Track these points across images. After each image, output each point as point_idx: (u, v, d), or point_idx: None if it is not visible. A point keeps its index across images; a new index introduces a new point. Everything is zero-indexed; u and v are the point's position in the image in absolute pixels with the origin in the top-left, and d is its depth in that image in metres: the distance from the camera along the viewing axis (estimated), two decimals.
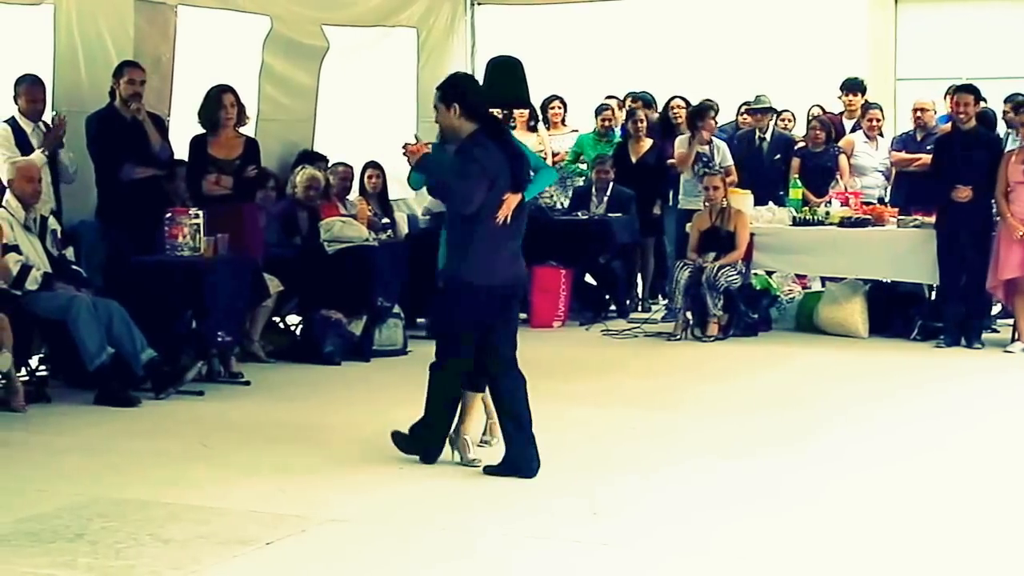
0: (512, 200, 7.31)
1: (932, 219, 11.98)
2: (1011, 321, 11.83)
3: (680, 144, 13.46)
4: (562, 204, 13.98)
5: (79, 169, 10.41)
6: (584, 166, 14.39)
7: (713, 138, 13.52)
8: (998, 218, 11.43)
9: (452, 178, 7.23)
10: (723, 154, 13.36)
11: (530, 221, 13.24)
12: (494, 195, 7.22)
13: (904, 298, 12.58)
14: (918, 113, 13.35)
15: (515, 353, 7.46)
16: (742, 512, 6.68)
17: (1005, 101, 12.95)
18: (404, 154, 7.52)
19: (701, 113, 13.52)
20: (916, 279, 12.37)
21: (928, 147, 12.82)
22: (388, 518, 6.61)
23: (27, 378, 9.55)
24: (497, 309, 7.39)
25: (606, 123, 14.55)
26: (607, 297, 13.84)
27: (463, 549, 6.14)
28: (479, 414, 7.76)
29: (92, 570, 5.78)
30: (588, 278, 13.93)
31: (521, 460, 7.24)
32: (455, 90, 7.36)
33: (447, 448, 7.54)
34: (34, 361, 9.81)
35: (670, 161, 13.65)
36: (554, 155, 14.35)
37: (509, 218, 7.29)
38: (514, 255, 7.46)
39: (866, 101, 14.35)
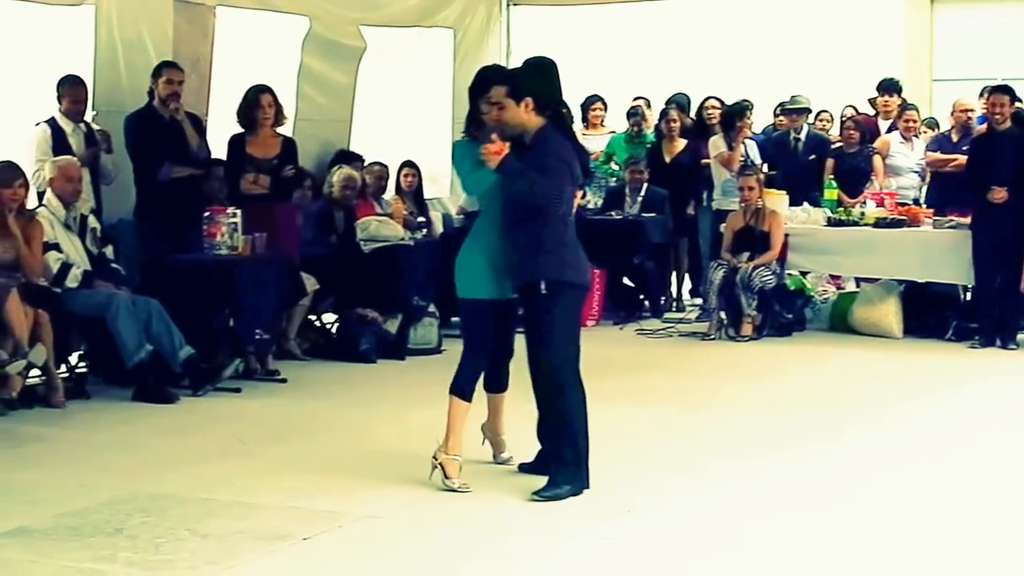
0: (578, 194, 7.26)
1: (967, 220, 11.93)
2: None
3: (715, 145, 13.42)
4: (596, 204, 14.00)
5: (119, 167, 10.49)
6: (616, 167, 14.42)
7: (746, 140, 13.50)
8: None
9: (540, 177, 6.76)
10: (752, 154, 13.37)
11: None
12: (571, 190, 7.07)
13: (939, 299, 12.53)
14: (961, 114, 13.26)
15: None
16: (776, 512, 6.68)
17: None
18: (483, 156, 6.77)
19: (740, 113, 13.51)
20: (951, 280, 12.33)
21: (964, 148, 12.77)
22: (422, 515, 6.63)
23: (66, 375, 9.61)
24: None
25: (636, 127, 14.59)
26: (641, 297, 13.84)
27: (495, 547, 6.17)
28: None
29: (132, 564, 5.82)
30: (623, 278, 13.93)
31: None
32: (527, 83, 6.92)
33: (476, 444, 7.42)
34: (73, 358, 9.85)
35: (705, 161, 13.65)
36: (590, 155, 14.36)
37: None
38: None
39: (903, 102, 14.29)
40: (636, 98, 14.99)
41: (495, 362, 7.24)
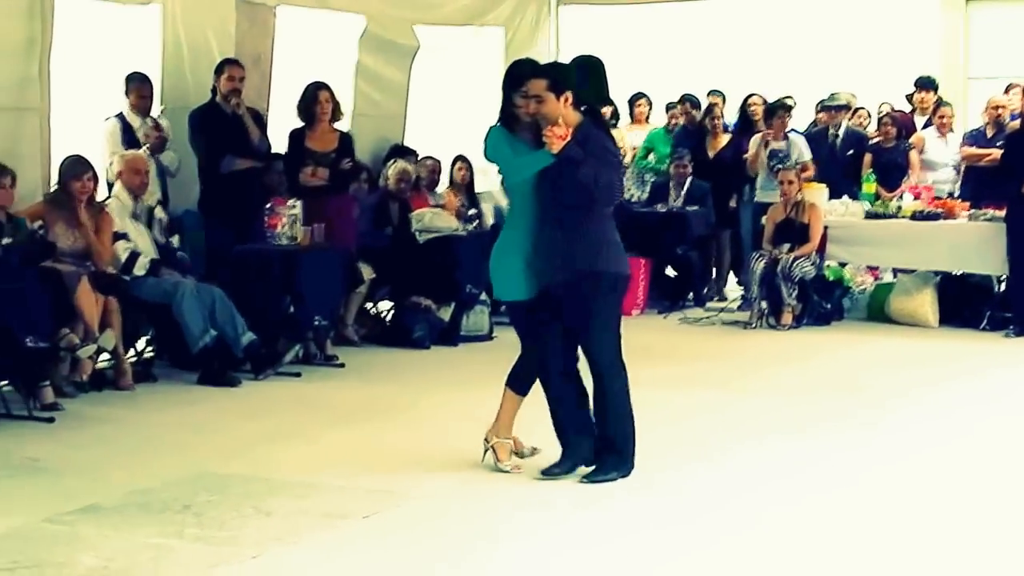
0: None
1: (1002, 213, 11.88)
2: None
3: (753, 144, 13.43)
4: (638, 198, 13.99)
5: (183, 162, 10.54)
6: (654, 161, 14.41)
7: (791, 135, 13.41)
8: None
9: (602, 168, 6.64)
10: (800, 150, 13.22)
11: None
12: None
13: (974, 289, 12.46)
14: (994, 110, 13.21)
15: None
16: (810, 487, 6.74)
17: None
18: (547, 139, 6.54)
19: (772, 112, 13.48)
20: (986, 271, 12.27)
21: (998, 143, 12.73)
22: (476, 494, 6.65)
23: (134, 359, 9.67)
24: None
25: (674, 120, 14.64)
26: (685, 286, 13.81)
27: (544, 523, 6.19)
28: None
29: (199, 540, 5.86)
30: (667, 269, 13.91)
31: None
32: (567, 78, 6.73)
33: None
34: (141, 343, 9.91)
35: (745, 156, 13.62)
36: (633, 148, 14.35)
37: None
38: None
39: (938, 99, 14.22)
40: (684, 95, 14.98)
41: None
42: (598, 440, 6.94)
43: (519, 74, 6.91)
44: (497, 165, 7.01)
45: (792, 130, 13.94)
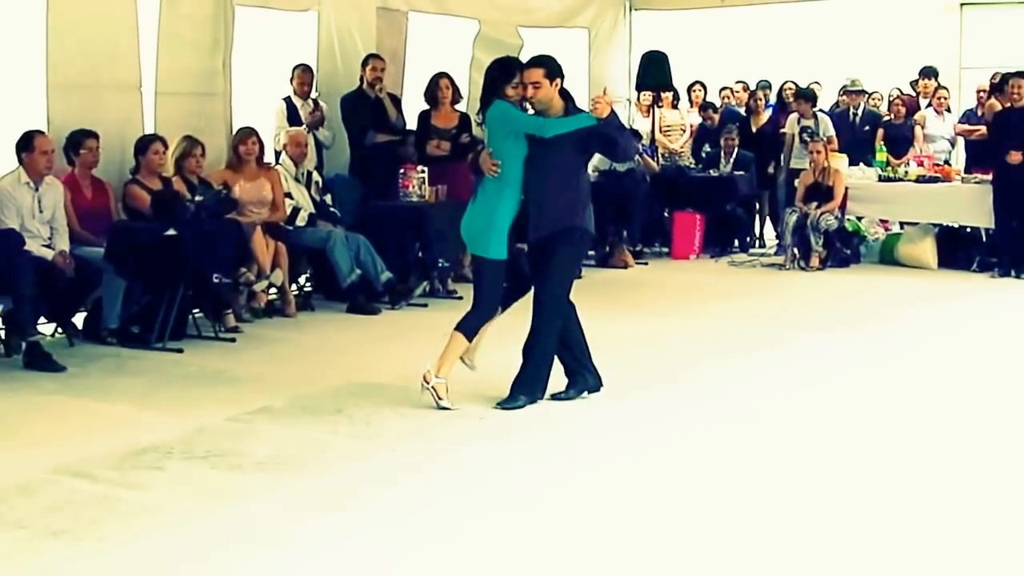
0: None
1: (989, 177, 11.68)
2: None
3: (790, 125, 13.22)
4: (693, 164, 13.76)
5: (335, 137, 10.49)
6: None
7: (818, 113, 13.29)
8: None
9: (622, 134, 6.42)
10: (825, 126, 13.08)
11: (671, 176, 13.23)
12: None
13: (966, 238, 12.26)
14: (982, 93, 13.08)
15: None
16: (836, 388, 6.70)
17: None
18: (596, 105, 6.22)
19: (799, 98, 13.34)
20: (976, 223, 12.02)
21: (986, 121, 12.53)
22: (573, 402, 6.55)
23: (297, 292, 9.68)
24: None
25: (725, 101, 14.58)
26: (732, 236, 13.59)
27: (640, 421, 6.11)
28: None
29: (351, 436, 5.86)
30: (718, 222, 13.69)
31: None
32: (557, 67, 6.35)
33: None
34: (302, 279, 9.92)
35: (783, 131, 13.41)
36: (691, 126, 14.14)
37: None
38: None
39: (938, 84, 14.01)
40: (737, 82, 14.76)
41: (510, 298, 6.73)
42: (522, 367, 6.48)
43: (509, 68, 6.50)
44: (522, 126, 6.34)
45: (820, 110, 13.80)
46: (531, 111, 6.45)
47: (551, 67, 6.39)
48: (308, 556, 4.27)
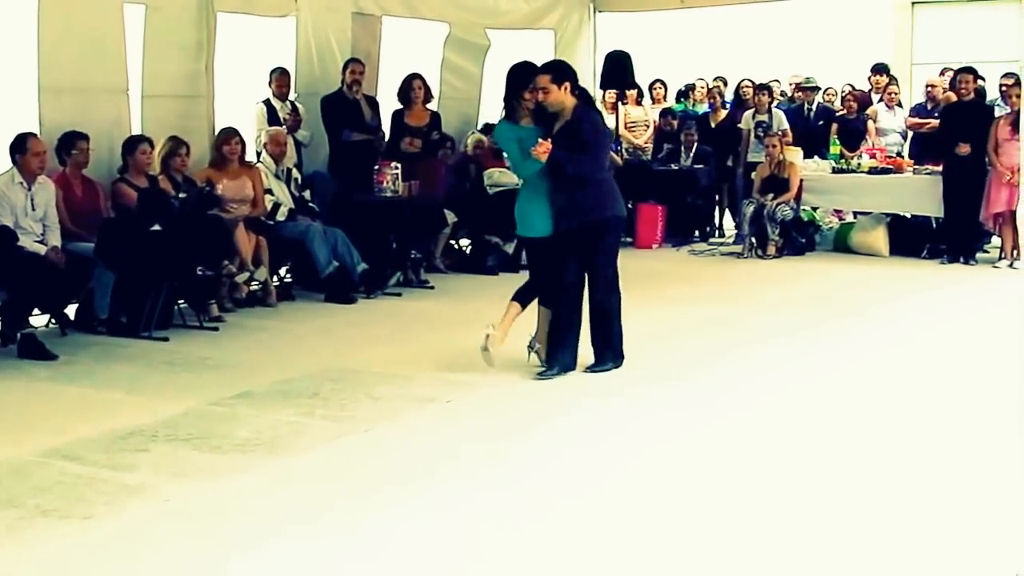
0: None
1: (939, 168, 11.77)
2: (998, 244, 11.59)
3: (746, 121, 13.35)
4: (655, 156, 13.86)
5: (314, 136, 10.57)
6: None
7: (774, 108, 13.42)
8: (990, 167, 11.19)
9: (583, 156, 6.54)
10: (779, 120, 13.24)
11: (635, 169, 13.31)
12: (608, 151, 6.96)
13: (917, 227, 12.34)
14: (932, 89, 13.11)
15: None
16: (795, 377, 6.75)
17: (1002, 76, 12.53)
18: (534, 155, 6.50)
19: (758, 90, 13.52)
20: (926, 212, 12.11)
21: (936, 114, 12.60)
22: (536, 382, 6.68)
23: (278, 283, 9.76)
24: None
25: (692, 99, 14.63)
26: (692, 226, 13.72)
27: (592, 400, 6.24)
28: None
29: (325, 418, 5.96)
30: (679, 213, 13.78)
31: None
32: (565, 72, 6.64)
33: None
34: (283, 271, 10.01)
35: (740, 126, 13.53)
36: (654, 122, 14.23)
37: None
38: None
39: (889, 79, 14.11)
40: (716, 78, 14.88)
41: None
42: (595, 341, 6.87)
43: (526, 74, 6.73)
44: (508, 152, 7.04)
45: (778, 105, 13.91)
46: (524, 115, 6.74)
47: (557, 72, 6.63)
48: (280, 530, 4.40)
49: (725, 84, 14.79)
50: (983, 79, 12.60)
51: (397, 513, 4.58)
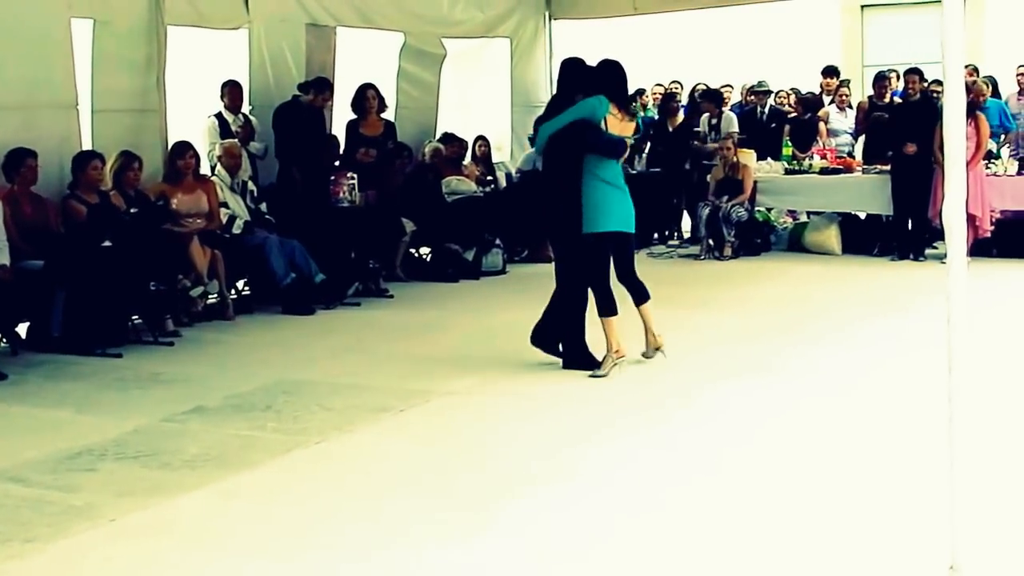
0: None
1: (888, 167, 11.74)
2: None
3: (702, 124, 13.29)
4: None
5: (268, 148, 10.37)
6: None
7: (725, 111, 13.39)
8: (936, 166, 11.13)
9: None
10: (729, 122, 13.20)
11: None
12: None
13: (868, 225, 12.33)
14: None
15: None
16: (751, 383, 6.62)
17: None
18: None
19: (704, 97, 13.54)
20: (876, 211, 12.08)
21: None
22: (491, 391, 6.55)
23: (235, 296, 9.57)
24: None
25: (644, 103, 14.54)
26: (650, 228, 13.58)
27: (546, 410, 6.10)
28: None
29: (277, 431, 5.81)
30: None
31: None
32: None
33: None
34: (240, 284, 9.81)
35: (696, 130, 13.45)
36: None
37: None
38: None
39: (840, 82, 14.12)
40: (672, 82, 14.81)
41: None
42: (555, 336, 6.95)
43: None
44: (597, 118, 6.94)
45: (732, 108, 13.88)
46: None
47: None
48: (226, 546, 4.23)
49: (681, 88, 14.71)
50: (927, 80, 12.54)
51: (346, 529, 4.41)
